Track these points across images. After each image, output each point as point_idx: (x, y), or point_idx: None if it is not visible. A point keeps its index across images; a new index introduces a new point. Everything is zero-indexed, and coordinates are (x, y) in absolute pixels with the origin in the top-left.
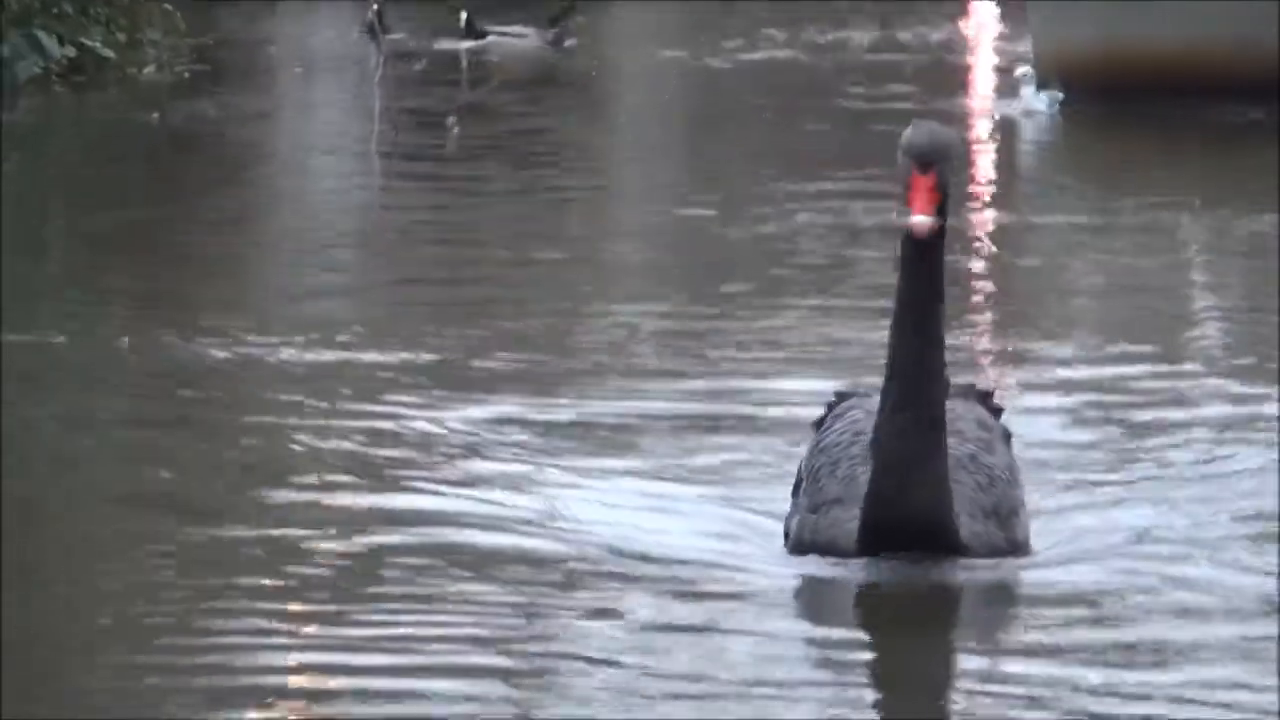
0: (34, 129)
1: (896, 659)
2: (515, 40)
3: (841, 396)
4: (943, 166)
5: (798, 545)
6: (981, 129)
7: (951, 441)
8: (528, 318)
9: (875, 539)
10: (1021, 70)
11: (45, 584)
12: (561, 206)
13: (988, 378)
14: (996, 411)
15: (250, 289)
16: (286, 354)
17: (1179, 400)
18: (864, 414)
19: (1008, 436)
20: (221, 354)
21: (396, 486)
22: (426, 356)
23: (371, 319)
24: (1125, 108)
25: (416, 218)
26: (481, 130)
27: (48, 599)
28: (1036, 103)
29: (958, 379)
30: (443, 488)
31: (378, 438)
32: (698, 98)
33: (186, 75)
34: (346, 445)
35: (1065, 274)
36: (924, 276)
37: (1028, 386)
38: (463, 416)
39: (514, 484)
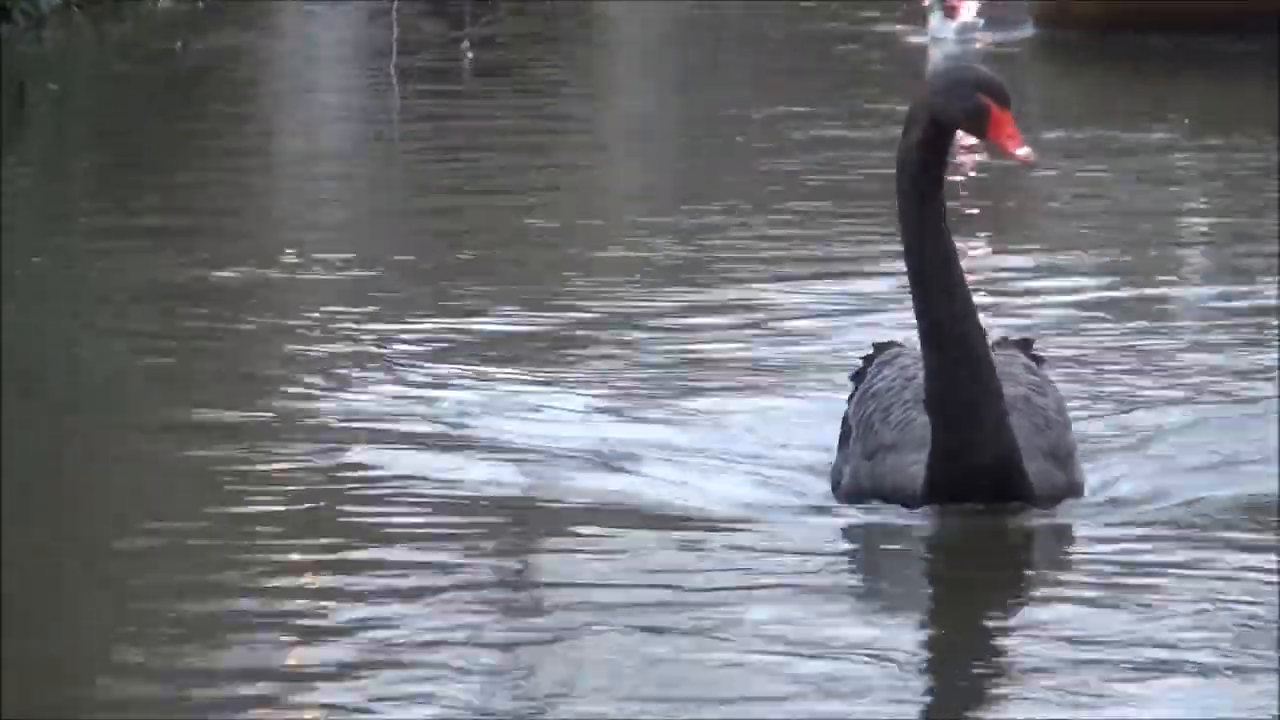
0: (58, 59)
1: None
2: None
3: (880, 348)
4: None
5: (854, 492)
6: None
7: (1004, 386)
8: (527, 235)
9: (945, 491)
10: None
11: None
12: (562, 128)
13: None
14: (1037, 360)
15: (267, 210)
16: (298, 273)
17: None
18: (912, 360)
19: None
20: (234, 274)
21: (412, 393)
22: (427, 271)
23: (382, 238)
24: (1107, 39)
25: (426, 143)
26: (491, 55)
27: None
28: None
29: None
30: (440, 402)
31: (384, 349)
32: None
33: (201, 6)
34: (350, 358)
35: (1043, 195)
36: (933, 222)
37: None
38: (459, 329)
39: (511, 404)
